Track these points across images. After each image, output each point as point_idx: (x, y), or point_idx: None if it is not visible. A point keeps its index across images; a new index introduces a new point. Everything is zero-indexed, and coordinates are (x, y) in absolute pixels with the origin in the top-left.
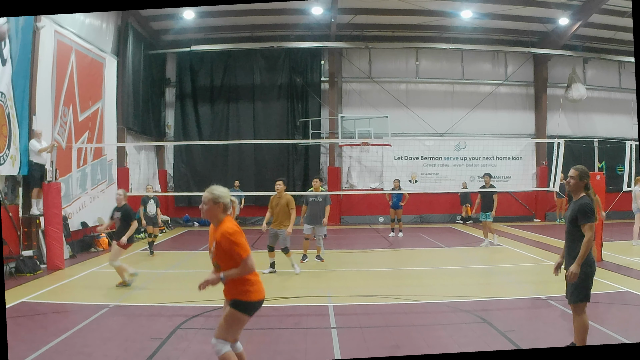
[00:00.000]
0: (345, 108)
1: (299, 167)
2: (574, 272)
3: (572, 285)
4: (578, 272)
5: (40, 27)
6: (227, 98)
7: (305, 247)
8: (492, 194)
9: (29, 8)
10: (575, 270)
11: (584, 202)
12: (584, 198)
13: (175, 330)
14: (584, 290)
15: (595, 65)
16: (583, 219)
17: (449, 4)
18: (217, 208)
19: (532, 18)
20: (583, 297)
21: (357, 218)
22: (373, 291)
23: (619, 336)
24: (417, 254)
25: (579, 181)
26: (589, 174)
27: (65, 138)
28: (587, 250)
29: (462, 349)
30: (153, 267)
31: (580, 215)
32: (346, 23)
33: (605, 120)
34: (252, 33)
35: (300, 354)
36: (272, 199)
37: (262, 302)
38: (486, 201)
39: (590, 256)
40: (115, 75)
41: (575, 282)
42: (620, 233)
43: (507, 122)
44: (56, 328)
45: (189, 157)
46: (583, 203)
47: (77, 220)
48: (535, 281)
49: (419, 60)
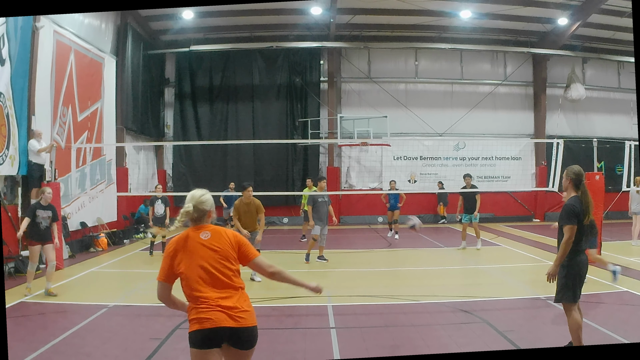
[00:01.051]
0: (344, 108)
1: (298, 167)
2: (550, 274)
3: (557, 285)
4: (555, 273)
5: (40, 27)
6: (226, 98)
7: (311, 247)
8: (474, 194)
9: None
10: (551, 272)
11: (568, 203)
12: (571, 199)
13: (174, 330)
14: (567, 291)
15: (594, 65)
16: (562, 219)
17: (448, 4)
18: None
19: (531, 18)
20: (567, 297)
21: (356, 218)
22: (372, 291)
23: (618, 336)
24: (416, 254)
25: (565, 179)
26: (582, 173)
27: (64, 138)
28: (564, 251)
29: (461, 349)
30: (152, 267)
31: (561, 216)
32: (345, 23)
33: (604, 120)
34: (251, 33)
35: (300, 354)
36: (240, 205)
37: (200, 334)
38: (469, 203)
39: (579, 257)
40: (115, 75)
41: (560, 282)
42: (619, 233)
43: (506, 122)
44: (55, 328)
45: (188, 157)
46: (567, 204)
47: (76, 220)
48: (534, 281)
49: (418, 60)
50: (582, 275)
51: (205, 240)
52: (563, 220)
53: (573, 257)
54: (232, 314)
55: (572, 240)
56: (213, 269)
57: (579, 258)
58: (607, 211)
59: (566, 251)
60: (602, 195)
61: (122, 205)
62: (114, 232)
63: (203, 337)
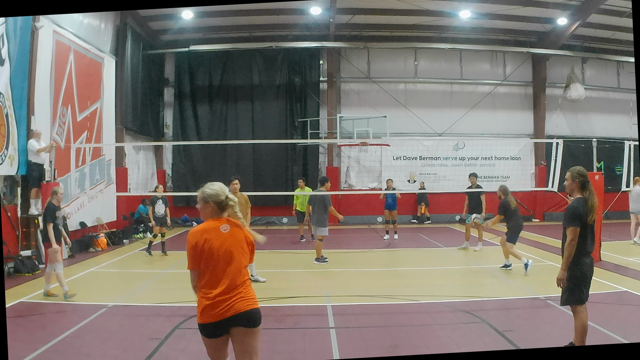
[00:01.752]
0: (343, 108)
1: (297, 167)
2: (559, 278)
3: (564, 287)
4: (563, 277)
5: (39, 27)
6: (226, 98)
7: (320, 248)
8: (479, 194)
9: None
10: (560, 276)
11: (571, 205)
12: (575, 200)
13: (173, 330)
14: (573, 293)
15: (593, 65)
16: (565, 221)
17: (448, 4)
18: (207, 208)
19: (531, 18)
20: (572, 299)
21: (356, 218)
22: (371, 291)
23: (618, 336)
24: (416, 254)
25: (572, 182)
26: (587, 173)
27: (63, 138)
28: (569, 254)
29: (461, 349)
30: (151, 268)
31: (565, 217)
32: (345, 23)
33: (603, 120)
34: (250, 33)
35: (299, 354)
36: None
37: (208, 326)
38: (473, 202)
39: (584, 259)
40: (114, 75)
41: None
42: (619, 233)
43: (505, 122)
44: (55, 328)
45: (188, 157)
46: (570, 206)
47: (75, 220)
48: (533, 281)
49: (417, 60)
50: (588, 276)
51: (226, 233)
52: (566, 222)
53: (577, 259)
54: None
55: (576, 242)
56: (233, 261)
57: (584, 259)
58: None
59: (571, 253)
60: (601, 195)
61: (122, 205)
62: (113, 232)
63: (204, 327)
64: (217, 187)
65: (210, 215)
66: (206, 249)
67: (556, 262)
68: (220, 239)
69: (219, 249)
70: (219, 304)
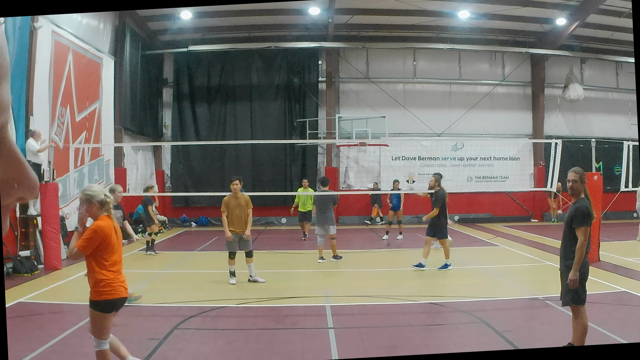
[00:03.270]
0: (342, 108)
1: (296, 168)
2: (573, 279)
3: (566, 288)
4: (576, 278)
5: (38, 27)
6: (225, 98)
7: (335, 246)
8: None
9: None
10: (573, 277)
11: (582, 204)
12: (583, 200)
13: (172, 331)
14: (574, 294)
15: (592, 65)
16: (577, 221)
17: (447, 4)
18: (93, 207)
19: (530, 18)
20: (574, 299)
21: (355, 218)
22: (370, 291)
23: (617, 336)
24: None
25: (581, 183)
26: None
27: (62, 138)
28: (582, 255)
29: (460, 349)
30: (150, 268)
31: (576, 218)
32: (343, 23)
33: (602, 121)
34: (249, 33)
35: (298, 354)
36: (229, 199)
37: (119, 301)
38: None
39: (585, 259)
40: (113, 75)
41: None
42: (618, 233)
43: (504, 123)
44: (53, 328)
45: (186, 157)
46: (581, 206)
47: (74, 221)
48: (532, 281)
49: (416, 60)
50: (587, 276)
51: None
52: (578, 222)
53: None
54: None
55: (587, 242)
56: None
57: (585, 260)
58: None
59: (583, 253)
60: (600, 195)
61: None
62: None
63: (113, 303)
64: (96, 188)
65: (99, 212)
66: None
67: (555, 262)
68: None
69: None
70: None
